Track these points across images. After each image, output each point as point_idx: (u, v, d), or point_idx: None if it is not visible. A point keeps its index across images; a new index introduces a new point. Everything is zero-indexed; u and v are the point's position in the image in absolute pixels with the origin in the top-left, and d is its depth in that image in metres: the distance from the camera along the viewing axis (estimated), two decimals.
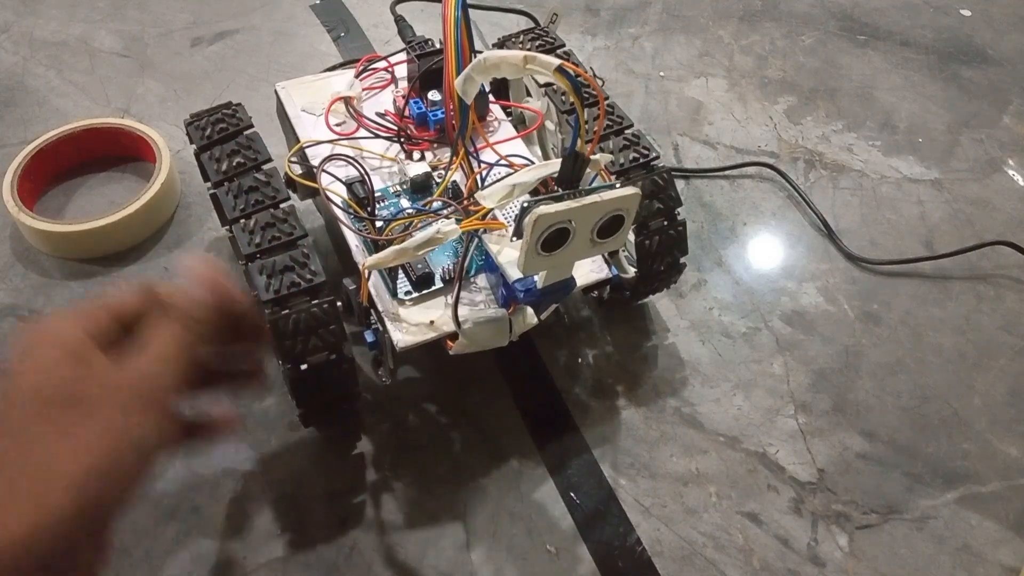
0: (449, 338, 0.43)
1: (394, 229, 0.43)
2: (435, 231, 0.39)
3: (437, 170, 0.48)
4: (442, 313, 0.43)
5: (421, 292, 0.44)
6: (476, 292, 0.44)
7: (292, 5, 0.80)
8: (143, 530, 0.46)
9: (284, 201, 0.44)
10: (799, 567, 0.47)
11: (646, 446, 0.51)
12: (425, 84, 0.50)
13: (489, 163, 0.48)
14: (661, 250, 0.49)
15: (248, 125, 0.47)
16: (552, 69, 0.34)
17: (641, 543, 0.47)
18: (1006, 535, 0.49)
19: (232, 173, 0.44)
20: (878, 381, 0.55)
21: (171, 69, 0.73)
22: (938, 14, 0.87)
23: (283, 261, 0.41)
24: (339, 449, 0.50)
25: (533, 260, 0.37)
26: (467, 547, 0.46)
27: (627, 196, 0.37)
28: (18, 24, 0.77)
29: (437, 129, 0.49)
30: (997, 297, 0.61)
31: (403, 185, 0.47)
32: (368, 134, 0.50)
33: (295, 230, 0.42)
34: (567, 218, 0.36)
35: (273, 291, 0.40)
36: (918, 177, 0.70)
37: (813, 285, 0.61)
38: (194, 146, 0.48)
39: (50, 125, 0.63)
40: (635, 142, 0.49)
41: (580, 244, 0.38)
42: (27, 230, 0.58)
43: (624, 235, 0.39)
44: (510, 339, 0.44)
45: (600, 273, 0.47)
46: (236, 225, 0.42)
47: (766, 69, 0.79)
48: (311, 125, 0.50)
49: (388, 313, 0.43)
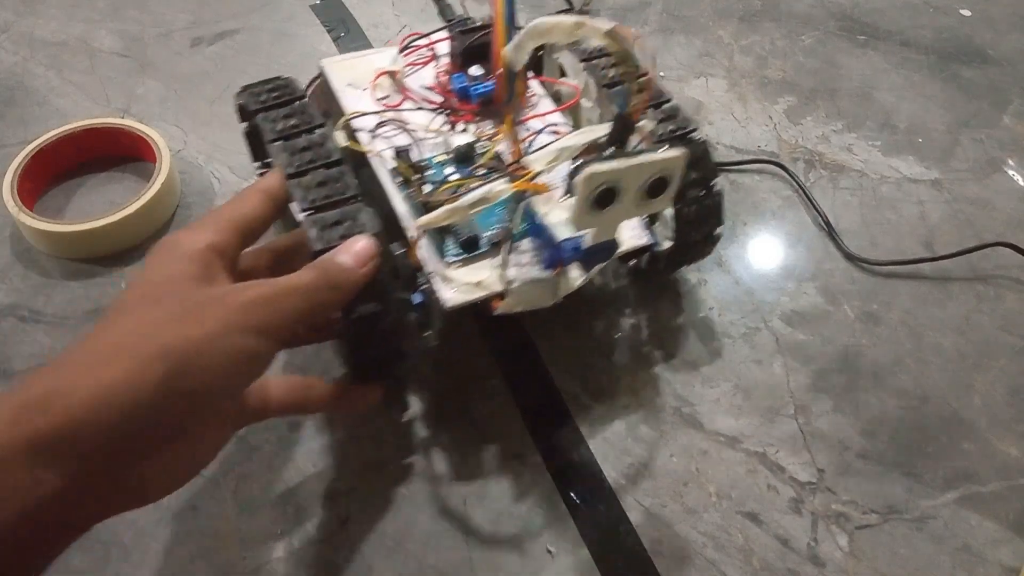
0: (495, 298, 0.45)
1: (444, 193, 0.46)
2: (487, 190, 0.41)
3: (479, 141, 0.50)
4: (488, 274, 0.45)
5: (468, 255, 0.46)
6: (521, 255, 0.46)
7: (292, 5, 0.80)
8: (143, 530, 0.46)
9: (337, 163, 0.45)
10: (799, 567, 0.47)
11: (646, 446, 0.51)
12: (467, 60, 0.52)
13: (535, 131, 0.50)
14: (699, 219, 0.51)
15: (301, 95, 0.49)
16: (603, 32, 0.36)
17: (641, 543, 0.47)
18: (1006, 535, 0.49)
19: (287, 133, 0.46)
20: (878, 381, 0.55)
21: (171, 69, 0.73)
22: (938, 14, 0.87)
23: (335, 216, 0.43)
24: (339, 449, 0.50)
25: (583, 217, 0.39)
26: (467, 547, 0.46)
27: (673, 158, 0.39)
28: (18, 24, 0.77)
29: (479, 102, 0.51)
30: (997, 297, 0.61)
31: (447, 154, 0.50)
32: (412, 106, 0.52)
33: (348, 188, 0.44)
34: (616, 177, 0.38)
35: (325, 242, 0.41)
36: (918, 177, 0.70)
37: (813, 285, 0.61)
38: (243, 123, 0.52)
39: (50, 125, 0.63)
40: (673, 115, 0.51)
41: (627, 204, 0.39)
42: (27, 230, 0.58)
43: (668, 197, 0.41)
44: (554, 300, 0.46)
45: (640, 240, 0.49)
46: (291, 181, 0.44)
47: (766, 69, 0.79)
48: (355, 99, 0.53)
49: (437, 274, 0.45)
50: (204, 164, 0.65)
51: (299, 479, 0.49)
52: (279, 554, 0.46)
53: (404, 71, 0.54)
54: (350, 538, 0.46)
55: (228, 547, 0.46)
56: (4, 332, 0.54)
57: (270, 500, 0.48)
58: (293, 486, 0.48)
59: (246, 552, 0.46)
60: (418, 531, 0.47)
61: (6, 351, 0.53)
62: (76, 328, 0.55)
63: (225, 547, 0.46)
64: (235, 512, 0.47)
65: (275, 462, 0.49)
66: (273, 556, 0.46)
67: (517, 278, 0.44)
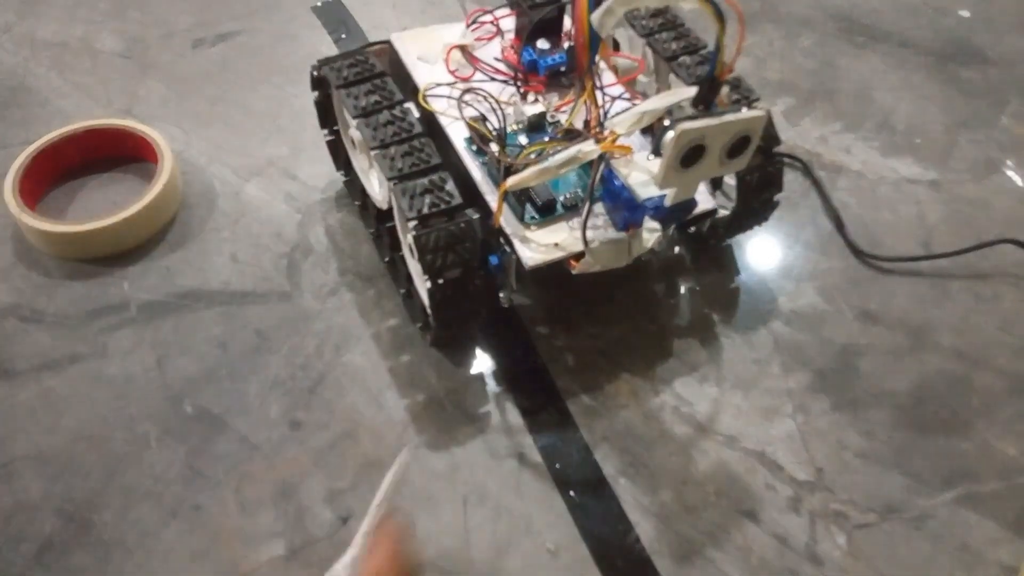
0: (573, 258, 0.48)
1: (526, 157, 0.47)
2: (577, 150, 0.43)
3: (549, 111, 0.52)
4: (566, 236, 0.48)
5: (545, 217, 0.49)
6: (595, 218, 0.48)
7: (293, 7, 0.81)
8: (144, 529, 0.46)
9: (420, 136, 0.48)
10: (797, 566, 0.47)
11: (645, 445, 0.51)
12: (534, 34, 0.53)
13: (613, 96, 0.53)
14: (760, 186, 0.54)
15: (381, 72, 0.51)
16: None
17: (640, 542, 0.47)
18: (1005, 534, 0.49)
19: (371, 109, 0.49)
20: (876, 381, 0.56)
21: (173, 70, 0.73)
22: (937, 15, 0.87)
23: (423, 184, 0.46)
24: (339, 448, 0.50)
25: (670, 175, 0.41)
26: (467, 546, 0.47)
27: (756, 117, 0.41)
28: (19, 25, 0.77)
29: (547, 75, 0.53)
30: (995, 297, 0.61)
31: (519, 124, 0.52)
32: (484, 78, 0.54)
33: (431, 158, 0.47)
34: (704, 135, 0.40)
35: (416, 210, 0.45)
36: (916, 178, 0.70)
37: (811, 285, 0.61)
38: (315, 92, 0.55)
39: (52, 126, 0.63)
40: (737, 85, 0.53)
41: (711, 162, 0.42)
42: (29, 231, 0.58)
43: (748, 157, 0.43)
44: (628, 261, 0.49)
45: (708, 203, 0.52)
46: (377, 153, 0.47)
47: (765, 71, 0.79)
48: (427, 72, 0.55)
49: (517, 235, 0.48)
50: (206, 165, 0.66)
51: (300, 478, 0.49)
52: (279, 553, 0.46)
53: (474, 45, 0.56)
54: (351, 537, 0.46)
55: (230, 546, 0.46)
56: (6, 332, 0.55)
57: (271, 499, 0.48)
58: (294, 485, 0.48)
59: (246, 552, 0.46)
60: (418, 531, 0.47)
61: (8, 351, 0.54)
62: (77, 328, 0.55)
63: (227, 546, 0.46)
64: (237, 511, 0.47)
65: (276, 462, 0.49)
66: (274, 555, 0.46)
67: (596, 238, 0.47)
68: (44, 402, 0.52)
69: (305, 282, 0.58)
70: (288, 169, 0.66)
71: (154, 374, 0.53)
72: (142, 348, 0.54)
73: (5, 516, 0.47)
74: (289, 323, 0.56)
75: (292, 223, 0.62)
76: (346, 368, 0.54)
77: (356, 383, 0.53)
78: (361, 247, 0.61)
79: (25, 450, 0.49)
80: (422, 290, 0.51)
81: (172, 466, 0.49)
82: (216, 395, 0.52)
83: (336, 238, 0.61)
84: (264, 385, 0.53)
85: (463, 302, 0.48)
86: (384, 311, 0.57)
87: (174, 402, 0.52)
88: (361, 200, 0.60)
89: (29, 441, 0.50)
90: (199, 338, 0.55)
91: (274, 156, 0.67)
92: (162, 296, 0.57)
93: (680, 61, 0.54)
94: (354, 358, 0.54)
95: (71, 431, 0.50)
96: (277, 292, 0.58)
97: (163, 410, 0.51)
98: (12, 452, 0.49)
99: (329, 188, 0.64)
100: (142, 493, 0.48)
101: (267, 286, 0.58)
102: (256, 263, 0.59)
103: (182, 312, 0.56)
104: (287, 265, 0.59)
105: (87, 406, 0.51)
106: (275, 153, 0.67)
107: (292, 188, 0.64)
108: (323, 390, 0.53)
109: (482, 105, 0.50)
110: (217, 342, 0.55)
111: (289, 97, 0.71)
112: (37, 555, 0.45)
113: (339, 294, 0.58)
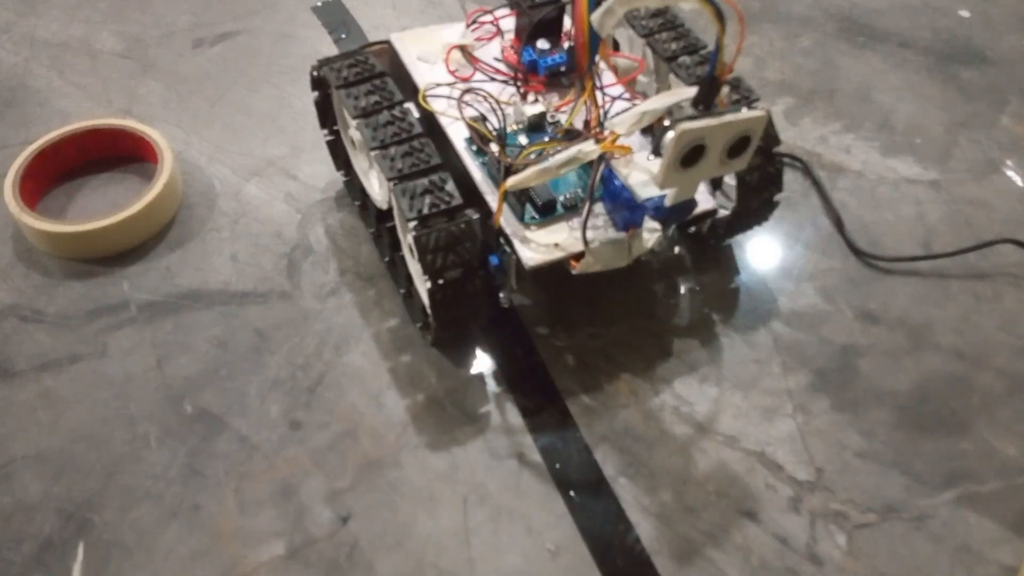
0: (573, 258, 0.48)
1: (526, 157, 0.48)
2: (577, 151, 0.43)
3: (549, 112, 0.52)
4: (566, 236, 0.49)
5: (546, 217, 0.49)
6: (595, 218, 0.49)
7: (293, 7, 0.81)
8: (143, 529, 0.46)
9: (420, 136, 0.48)
10: (797, 566, 0.47)
11: (645, 445, 0.51)
12: (534, 34, 0.53)
13: (613, 96, 0.53)
14: (760, 186, 0.54)
15: (381, 72, 0.51)
16: None
17: (640, 541, 0.47)
18: (1005, 534, 0.49)
19: (371, 110, 0.49)
20: (876, 381, 0.56)
21: (173, 70, 0.73)
22: (937, 15, 0.87)
23: (423, 185, 0.46)
24: (339, 448, 0.50)
25: (670, 175, 0.41)
26: (467, 546, 0.47)
27: (757, 118, 0.41)
28: (19, 25, 0.77)
29: (546, 75, 0.53)
30: (995, 297, 0.61)
31: (519, 124, 0.52)
32: (484, 79, 0.54)
33: (431, 158, 0.47)
34: (704, 135, 0.39)
35: (416, 211, 0.45)
36: (916, 178, 0.70)
37: (811, 285, 0.61)
38: (315, 92, 0.56)
39: (52, 126, 0.63)
40: (737, 85, 0.53)
41: (711, 162, 0.41)
42: (29, 231, 0.58)
43: (748, 157, 0.43)
44: (628, 261, 0.49)
45: (708, 204, 0.52)
46: (377, 153, 0.47)
47: (764, 70, 0.79)
48: (426, 71, 0.55)
49: (517, 236, 0.48)
50: (206, 165, 0.66)
51: (300, 478, 0.49)
52: (279, 553, 0.46)
53: (474, 44, 0.56)
54: (351, 537, 0.47)
55: (230, 546, 0.46)
56: (6, 332, 0.55)
57: (271, 499, 0.48)
58: (294, 485, 0.48)
59: (246, 552, 0.46)
60: (418, 530, 0.47)
61: (8, 351, 0.54)
62: (77, 328, 0.55)
63: (227, 546, 0.46)
64: (237, 511, 0.47)
65: (276, 461, 0.49)
66: (274, 554, 0.46)
67: (596, 238, 0.47)
68: (44, 402, 0.52)
69: (305, 282, 0.58)
70: (288, 169, 0.66)
71: (154, 374, 0.53)
72: (142, 348, 0.54)
73: (5, 516, 0.47)
74: (289, 323, 0.56)
75: (292, 223, 0.62)
76: (346, 368, 0.54)
77: (356, 383, 0.53)
78: (361, 247, 0.61)
79: (25, 450, 0.49)
80: (422, 290, 0.51)
81: (172, 466, 0.49)
82: (216, 395, 0.52)
83: (336, 238, 0.61)
84: (264, 385, 0.53)
85: (463, 302, 0.48)
86: (384, 311, 0.57)
87: (174, 402, 0.52)
88: (361, 200, 0.60)
89: (29, 441, 0.50)
90: (199, 338, 0.55)
91: (274, 156, 0.67)
92: (162, 296, 0.57)
93: (680, 61, 0.54)
94: (354, 358, 0.54)
95: (71, 431, 0.50)
96: (277, 292, 0.58)
97: (163, 410, 0.51)
98: (12, 452, 0.49)
99: (329, 188, 0.64)
100: (142, 493, 0.48)
101: (267, 286, 0.58)
102: (256, 263, 0.59)
103: (182, 312, 0.56)
104: (287, 265, 0.59)
105: (87, 406, 0.51)
106: (275, 153, 0.67)
107: (292, 188, 0.64)
108: (323, 390, 0.53)
109: (482, 105, 0.50)
110: (217, 342, 0.55)
111: (289, 97, 0.71)
112: (37, 555, 0.45)
113: (339, 294, 0.58)
